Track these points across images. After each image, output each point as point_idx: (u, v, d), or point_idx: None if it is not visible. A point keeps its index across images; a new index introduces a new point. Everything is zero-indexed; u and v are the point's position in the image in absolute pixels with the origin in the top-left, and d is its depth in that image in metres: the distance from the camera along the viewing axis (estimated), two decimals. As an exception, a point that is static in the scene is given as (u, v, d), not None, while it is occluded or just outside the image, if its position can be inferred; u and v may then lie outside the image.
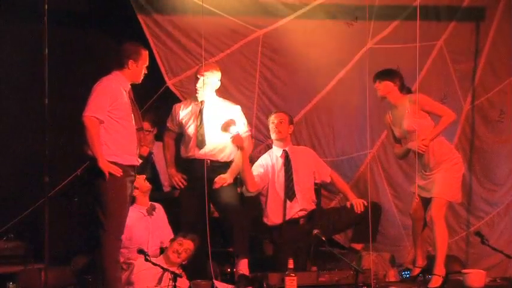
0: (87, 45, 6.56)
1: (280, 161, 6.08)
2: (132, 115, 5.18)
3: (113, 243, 5.07)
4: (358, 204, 5.97)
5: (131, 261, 5.53)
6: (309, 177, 6.12)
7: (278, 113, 6.17)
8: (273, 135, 6.14)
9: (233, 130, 5.87)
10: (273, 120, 6.13)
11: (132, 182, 5.21)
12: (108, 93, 5.07)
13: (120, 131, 5.10)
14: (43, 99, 5.04)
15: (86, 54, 6.53)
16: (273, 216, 6.01)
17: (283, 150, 6.12)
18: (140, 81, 5.28)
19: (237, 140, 5.86)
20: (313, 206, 6.07)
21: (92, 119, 5.00)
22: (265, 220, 6.03)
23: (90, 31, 6.63)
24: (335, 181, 6.22)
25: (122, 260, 5.37)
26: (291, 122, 6.19)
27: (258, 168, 6.09)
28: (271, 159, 6.11)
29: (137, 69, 5.20)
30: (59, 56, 5.35)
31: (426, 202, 5.86)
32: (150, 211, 5.84)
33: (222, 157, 6.01)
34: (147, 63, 5.26)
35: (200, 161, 5.89)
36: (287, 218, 5.96)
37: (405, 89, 5.92)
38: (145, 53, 5.25)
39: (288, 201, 5.99)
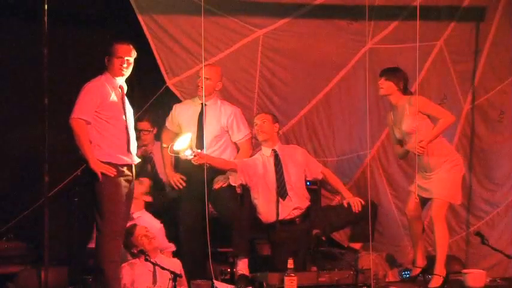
0: (87, 45, 6.56)
1: (270, 161, 6.05)
2: (124, 113, 5.17)
3: (110, 244, 5.07)
4: (355, 203, 5.94)
5: (131, 261, 5.53)
6: (300, 175, 6.05)
7: (260, 114, 6.10)
8: (259, 137, 6.05)
9: (187, 153, 5.68)
10: (255, 122, 6.06)
11: (129, 181, 5.20)
12: (93, 94, 5.09)
13: (111, 131, 5.11)
14: (43, 99, 5.05)
15: (86, 54, 6.52)
16: (266, 215, 5.97)
17: (272, 149, 6.05)
18: (123, 75, 5.23)
19: (199, 159, 5.70)
20: (307, 203, 6.03)
21: (78, 121, 5.02)
22: (259, 216, 5.99)
23: (90, 31, 6.63)
24: (328, 178, 6.13)
25: (121, 259, 5.38)
26: (275, 121, 6.08)
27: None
28: (262, 159, 6.06)
29: (111, 64, 5.19)
30: (59, 56, 5.35)
31: (424, 203, 5.86)
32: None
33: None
34: (124, 56, 5.21)
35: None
36: (282, 217, 5.92)
37: (408, 91, 5.91)
38: (118, 46, 5.22)
39: (280, 200, 5.96)
